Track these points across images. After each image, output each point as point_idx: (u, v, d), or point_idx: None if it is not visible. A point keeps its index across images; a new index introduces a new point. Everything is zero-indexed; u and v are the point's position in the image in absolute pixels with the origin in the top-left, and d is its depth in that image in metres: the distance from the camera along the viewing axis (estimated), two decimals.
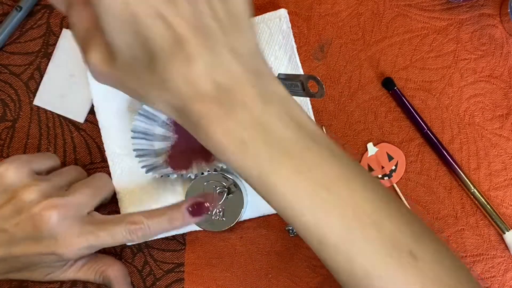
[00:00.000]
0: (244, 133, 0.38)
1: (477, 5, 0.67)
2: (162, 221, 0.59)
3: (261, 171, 0.40)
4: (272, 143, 0.39)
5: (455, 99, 0.67)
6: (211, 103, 0.38)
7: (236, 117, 0.38)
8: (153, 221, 0.59)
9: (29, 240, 0.56)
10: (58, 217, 0.56)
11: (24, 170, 0.59)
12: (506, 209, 0.67)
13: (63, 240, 0.56)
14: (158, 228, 0.59)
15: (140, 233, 0.58)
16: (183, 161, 0.65)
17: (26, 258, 0.57)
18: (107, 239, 0.58)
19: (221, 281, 0.68)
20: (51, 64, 0.69)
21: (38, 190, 0.57)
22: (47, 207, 0.56)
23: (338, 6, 0.68)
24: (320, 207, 0.40)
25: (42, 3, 0.70)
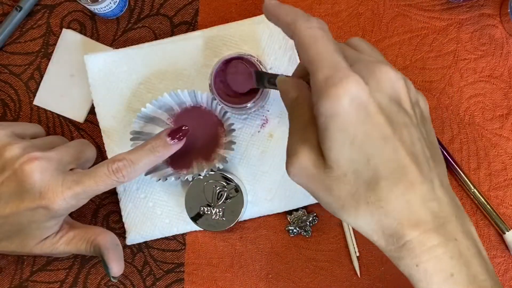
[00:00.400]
0: (453, 266, 0.40)
1: (477, 5, 0.67)
2: (144, 152, 0.58)
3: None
4: (472, 280, 0.40)
5: (455, 99, 0.67)
6: (429, 231, 0.40)
7: (447, 248, 0.40)
8: (134, 154, 0.58)
9: (15, 197, 0.56)
10: (40, 168, 0.56)
11: (5, 132, 0.59)
12: (506, 209, 0.67)
13: (47, 191, 0.55)
14: (141, 160, 0.58)
15: (124, 171, 0.57)
16: (183, 161, 0.65)
17: (16, 218, 0.56)
18: (91, 183, 0.57)
19: (221, 281, 0.68)
20: (51, 64, 0.69)
21: (19, 147, 0.57)
22: (28, 159, 0.56)
23: (338, 6, 0.68)
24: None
25: (42, 3, 0.70)
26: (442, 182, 0.42)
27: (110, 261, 0.59)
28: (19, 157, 0.56)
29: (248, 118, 0.67)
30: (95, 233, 0.61)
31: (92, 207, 0.69)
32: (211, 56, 0.67)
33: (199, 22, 0.69)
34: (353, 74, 0.39)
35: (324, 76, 0.40)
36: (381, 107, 0.40)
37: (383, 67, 0.41)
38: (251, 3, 0.69)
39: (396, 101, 0.41)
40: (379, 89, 0.40)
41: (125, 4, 0.68)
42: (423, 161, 0.40)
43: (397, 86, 0.41)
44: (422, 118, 0.44)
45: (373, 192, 0.40)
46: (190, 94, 0.63)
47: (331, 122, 0.40)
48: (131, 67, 0.67)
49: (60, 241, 0.60)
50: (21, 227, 0.57)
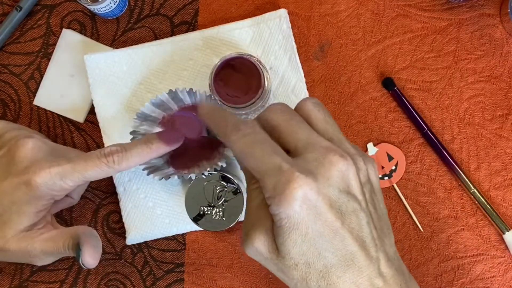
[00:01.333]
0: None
1: (477, 5, 0.67)
2: (138, 143, 0.58)
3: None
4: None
5: (455, 99, 0.67)
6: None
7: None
8: (129, 143, 0.58)
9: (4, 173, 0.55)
10: (33, 145, 0.55)
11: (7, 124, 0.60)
12: (506, 209, 0.67)
13: (34, 165, 0.55)
14: (134, 149, 0.57)
15: (116, 155, 0.56)
16: (184, 161, 0.65)
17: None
18: (81, 162, 0.56)
19: (221, 281, 0.68)
20: (51, 64, 0.69)
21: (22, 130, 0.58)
22: (24, 136, 0.56)
23: (338, 6, 0.68)
24: None
25: (42, 3, 0.70)
26: (388, 256, 0.44)
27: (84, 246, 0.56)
28: (16, 136, 0.57)
29: (247, 118, 0.67)
30: (75, 228, 0.59)
31: (92, 207, 0.69)
32: (211, 56, 0.67)
33: (199, 22, 0.69)
34: (298, 176, 0.40)
35: (270, 184, 0.41)
36: (331, 203, 0.41)
37: (333, 158, 0.42)
38: (251, 3, 0.69)
39: (346, 191, 0.42)
40: (329, 184, 0.41)
41: (125, 4, 0.68)
42: (370, 244, 0.43)
43: (346, 176, 0.42)
44: (372, 194, 0.45)
45: (324, 280, 0.42)
46: (189, 93, 0.63)
47: (283, 222, 0.41)
48: (131, 67, 0.67)
49: (39, 236, 0.57)
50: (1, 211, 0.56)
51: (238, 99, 0.62)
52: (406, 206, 0.67)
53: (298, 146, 0.43)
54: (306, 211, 0.40)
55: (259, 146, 0.42)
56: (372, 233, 0.43)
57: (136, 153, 0.57)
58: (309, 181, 0.40)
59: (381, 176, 0.67)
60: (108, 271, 0.68)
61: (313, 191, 0.40)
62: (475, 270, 0.66)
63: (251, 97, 0.62)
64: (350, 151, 0.44)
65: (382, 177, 0.67)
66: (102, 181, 0.69)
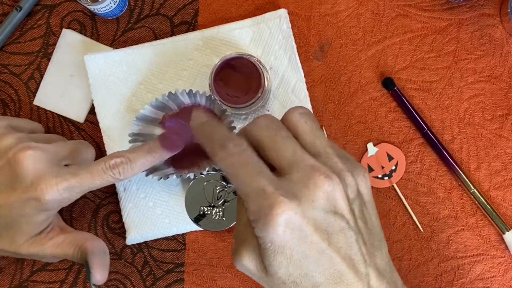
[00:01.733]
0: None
1: (477, 5, 0.67)
2: (142, 152, 0.58)
3: None
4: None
5: (455, 99, 0.67)
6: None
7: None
8: (132, 153, 0.58)
9: (7, 188, 0.55)
10: (33, 158, 0.55)
11: (3, 123, 0.59)
12: (506, 209, 0.67)
13: (40, 181, 0.54)
14: (138, 159, 0.57)
15: (121, 167, 0.57)
16: (183, 161, 0.65)
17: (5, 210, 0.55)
18: (87, 176, 0.56)
19: (221, 281, 0.68)
20: (51, 64, 0.69)
21: (15, 137, 0.56)
22: (22, 148, 0.55)
23: (338, 6, 0.68)
24: None
25: (42, 3, 0.70)
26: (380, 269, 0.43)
27: (93, 267, 0.58)
28: (13, 147, 0.55)
29: (247, 118, 0.67)
30: (84, 238, 0.60)
31: (92, 207, 0.69)
32: (211, 56, 0.67)
33: (199, 22, 0.69)
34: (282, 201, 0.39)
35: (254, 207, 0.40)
36: (316, 225, 0.40)
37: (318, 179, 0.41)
38: (251, 3, 0.69)
39: (332, 211, 0.41)
40: (314, 207, 0.40)
41: (125, 4, 0.68)
42: (360, 261, 0.42)
43: (332, 196, 0.41)
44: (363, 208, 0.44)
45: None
46: (189, 94, 0.63)
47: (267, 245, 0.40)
48: (131, 67, 0.67)
49: (49, 242, 0.58)
50: (10, 221, 0.56)
51: (238, 99, 0.62)
52: (406, 206, 0.67)
53: (282, 164, 0.42)
54: (290, 235, 0.40)
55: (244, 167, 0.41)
56: (361, 250, 0.42)
57: (140, 163, 0.58)
58: (293, 206, 0.39)
59: (381, 176, 0.67)
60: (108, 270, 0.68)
61: (297, 215, 0.39)
62: (475, 270, 0.66)
63: (251, 97, 0.62)
64: (337, 167, 0.42)
65: (382, 177, 0.67)
66: None
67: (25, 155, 0.55)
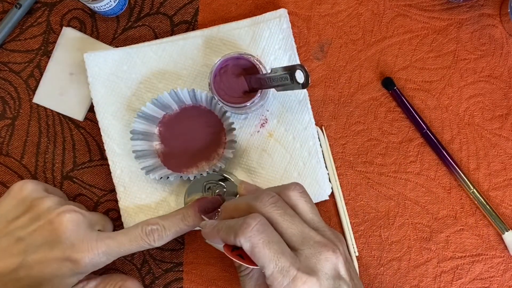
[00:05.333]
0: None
1: (477, 5, 0.68)
2: (176, 220, 0.60)
3: None
4: None
5: (454, 99, 0.67)
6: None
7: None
8: (167, 221, 0.60)
9: (45, 246, 0.57)
10: (76, 221, 0.58)
11: (40, 187, 0.61)
12: (505, 209, 0.67)
13: (81, 244, 0.57)
14: (172, 227, 0.60)
15: (156, 234, 0.59)
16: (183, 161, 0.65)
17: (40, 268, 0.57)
18: (125, 240, 0.59)
19: (220, 280, 0.68)
20: (51, 62, 0.69)
21: (54, 199, 0.59)
22: (65, 210, 0.58)
23: (338, 6, 0.68)
24: None
25: (42, 1, 0.70)
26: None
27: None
28: (56, 208, 0.58)
29: (247, 117, 0.67)
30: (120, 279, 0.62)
31: (90, 204, 0.69)
32: (211, 56, 0.67)
33: (199, 21, 0.69)
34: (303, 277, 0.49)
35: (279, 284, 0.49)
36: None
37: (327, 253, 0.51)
38: (251, 3, 0.69)
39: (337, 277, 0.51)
40: (327, 277, 0.50)
41: (125, 3, 0.68)
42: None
43: (337, 265, 0.51)
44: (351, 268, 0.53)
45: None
46: (190, 93, 0.63)
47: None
48: (131, 66, 0.67)
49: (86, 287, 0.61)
50: (42, 281, 0.57)
51: (238, 98, 0.62)
52: None
53: (293, 240, 0.51)
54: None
55: (269, 246, 0.49)
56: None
57: (174, 231, 0.61)
58: (313, 280, 0.49)
59: None
60: (107, 269, 0.68)
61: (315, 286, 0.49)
62: (474, 270, 0.66)
63: (251, 97, 0.62)
64: (332, 239, 0.52)
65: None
66: (99, 179, 0.69)
67: (67, 217, 0.58)
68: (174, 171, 0.64)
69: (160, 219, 0.60)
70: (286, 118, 0.67)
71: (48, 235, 0.57)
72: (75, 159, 0.69)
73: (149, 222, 0.60)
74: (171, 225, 0.60)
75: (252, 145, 0.67)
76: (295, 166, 0.66)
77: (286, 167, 0.66)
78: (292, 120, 0.67)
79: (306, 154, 0.66)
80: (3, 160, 0.69)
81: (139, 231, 0.59)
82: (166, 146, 0.66)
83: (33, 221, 0.58)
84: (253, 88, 0.62)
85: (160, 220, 0.60)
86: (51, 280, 0.57)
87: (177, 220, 0.60)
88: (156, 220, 0.60)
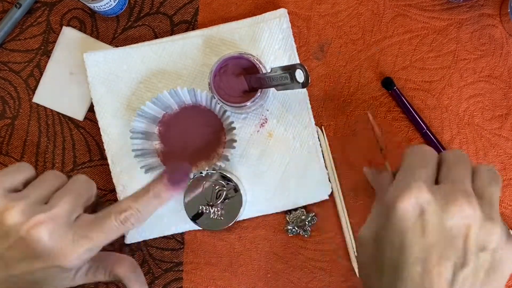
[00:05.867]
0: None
1: (477, 5, 0.67)
2: (149, 199, 0.57)
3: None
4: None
5: (454, 99, 0.67)
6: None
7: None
8: (140, 202, 0.57)
9: (26, 260, 0.55)
10: (47, 232, 0.54)
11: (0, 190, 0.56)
12: (505, 209, 0.66)
13: (59, 251, 0.54)
14: (146, 208, 0.57)
15: (133, 219, 0.56)
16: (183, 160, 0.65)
17: (30, 276, 0.55)
18: (101, 237, 0.56)
19: (220, 280, 0.68)
20: (50, 62, 0.69)
21: (19, 210, 0.54)
22: (33, 225, 0.54)
23: (338, 6, 0.68)
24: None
25: (42, 1, 0.70)
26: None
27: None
28: (23, 223, 0.54)
29: (247, 117, 0.67)
30: (111, 262, 0.60)
31: None
32: (210, 55, 0.67)
33: (199, 21, 0.69)
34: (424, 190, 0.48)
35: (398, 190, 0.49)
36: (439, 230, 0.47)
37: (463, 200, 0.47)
38: (251, 3, 0.69)
39: (461, 236, 0.47)
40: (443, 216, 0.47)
41: (125, 2, 0.68)
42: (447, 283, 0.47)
43: (467, 222, 0.47)
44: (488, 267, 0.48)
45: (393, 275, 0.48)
46: (190, 92, 0.63)
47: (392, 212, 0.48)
48: (131, 66, 0.67)
49: (77, 274, 0.59)
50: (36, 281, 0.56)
51: (238, 98, 0.62)
52: None
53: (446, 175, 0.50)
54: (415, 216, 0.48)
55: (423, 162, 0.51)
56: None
57: (149, 211, 0.57)
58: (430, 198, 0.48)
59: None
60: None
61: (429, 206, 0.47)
62: None
63: (251, 97, 0.61)
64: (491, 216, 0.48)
65: None
66: (99, 178, 0.69)
67: (39, 231, 0.54)
68: None
69: (132, 201, 0.57)
70: (286, 118, 0.67)
71: (25, 250, 0.54)
72: (75, 159, 0.69)
73: (122, 208, 0.56)
74: (145, 205, 0.57)
75: (252, 145, 0.67)
76: (295, 166, 0.66)
77: (286, 167, 0.67)
78: (292, 120, 0.67)
79: (306, 154, 0.66)
80: (3, 159, 0.69)
81: (113, 222, 0.56)
82: (166, 145, 0.66)
83: (4, 238, 0.54)
84: (253, 88, 0.62)
85: (132, 203, 0.56)
86: (44, 280, 0.56)
87: (150, 199, 0.57)
88: (128, 203, 0.56)
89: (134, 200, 0.57)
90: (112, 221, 0.56)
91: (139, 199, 0.57)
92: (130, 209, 0.56)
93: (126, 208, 0.56)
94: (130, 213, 0.56)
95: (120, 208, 0.56)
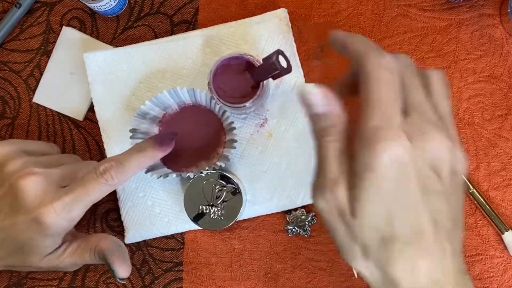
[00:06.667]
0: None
1: (477, 5, 0.67)
2: (132, 152, 0.57)
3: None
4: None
5: (454, 99, 0.67)
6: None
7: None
8: (122, 155, 0.57)
9: (12, 211, 0.55)
10: (34, 184, 0.55)
11: (13, 148, 0.58)
12: (505, 209, 0.67)
13: (38, 205, 0.54)
14: (129, 160, 0.57)
15: (112, 171, 0.56)
16: (182, 161, 0.65)
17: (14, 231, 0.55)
18: (80, 190, 0.55)
19: (220, 280, 0.68)
20: (50, 62, 0.69)
21: (21, 161, 0.56)
22: (23, 174, 0.55)
23: (338, 6, 0.68)
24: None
25: (42, 1, 0.70)
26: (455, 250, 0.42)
27: (114, 264, 0.58)
28: (17, 172, 0.56)
29: (247, 117, 0.67)
30: (96, 240, 0.60)
31: None
32: (210, 55, 0.67)
33: (199, 21, 0.69)
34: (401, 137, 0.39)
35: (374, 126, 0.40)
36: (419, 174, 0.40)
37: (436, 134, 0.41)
38: (251, 3, 0.69)
39: (435, 170, 0.41)
40: (423, 156, 0.40)
41: (125, 2, 0.68)
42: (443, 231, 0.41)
43: (442, 157, 0.41)
44: (457, 186, 0.43)
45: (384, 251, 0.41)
46: (189, 92, 0.63)
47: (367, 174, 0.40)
48: (131, 65, 0.67)
49: (64, 253, 0.59)
50: (20, 244, 0.56)
51: (237, 98, 0.62)
52: None
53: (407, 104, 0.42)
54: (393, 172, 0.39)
55: (389, 87, 0.41)
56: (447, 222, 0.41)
57: (132, 164, 0.57)
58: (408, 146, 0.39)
59: None
60: (107, 268, 0.68)
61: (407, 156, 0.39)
62: (474, 270, 0.66)
63: (250, 97, 0.61)
64: (454, 138, 0.42)
65: None
66: None
67: (26, 181, 0.55)
68: (174, 170, 0.64)
69: (115, 156, 0.57)
70: (286, 118, 0.67)
71: (12, 200, 0.55)
72: None
73: (102, 161, 0.56)
74: (128, 157, 0.56)
75: (252, 145, 0.67)
76: (295, 166, 0.66)
77: (286, 167, 0.67)
78: (292, 120, 0.67)
79: (306, 154, 0.66)
80: None
81: (93, 174, 0.55)
82: None
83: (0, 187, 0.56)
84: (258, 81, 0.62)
85: (115, 157, 0.57)
86: (28, 243, 0.56)
87: (133, 152, 0.57)
88: (110, 158, 0.57)
89: (117, 155, 0.57)
90: (92, 173, 0.56)
91: (122, 153, 0.57)
92: (111, 161, 0.56)
93: (106, 161, 0.56)
94: (109, 164, 0.56)
95: (101, 162, 0.56)
